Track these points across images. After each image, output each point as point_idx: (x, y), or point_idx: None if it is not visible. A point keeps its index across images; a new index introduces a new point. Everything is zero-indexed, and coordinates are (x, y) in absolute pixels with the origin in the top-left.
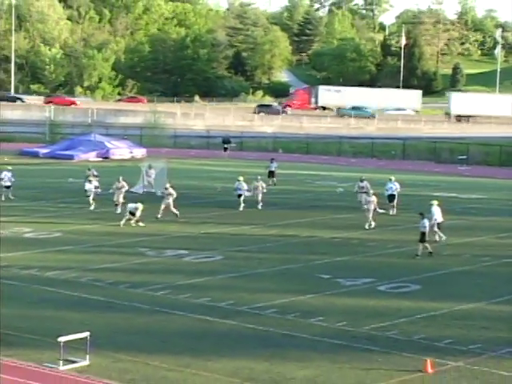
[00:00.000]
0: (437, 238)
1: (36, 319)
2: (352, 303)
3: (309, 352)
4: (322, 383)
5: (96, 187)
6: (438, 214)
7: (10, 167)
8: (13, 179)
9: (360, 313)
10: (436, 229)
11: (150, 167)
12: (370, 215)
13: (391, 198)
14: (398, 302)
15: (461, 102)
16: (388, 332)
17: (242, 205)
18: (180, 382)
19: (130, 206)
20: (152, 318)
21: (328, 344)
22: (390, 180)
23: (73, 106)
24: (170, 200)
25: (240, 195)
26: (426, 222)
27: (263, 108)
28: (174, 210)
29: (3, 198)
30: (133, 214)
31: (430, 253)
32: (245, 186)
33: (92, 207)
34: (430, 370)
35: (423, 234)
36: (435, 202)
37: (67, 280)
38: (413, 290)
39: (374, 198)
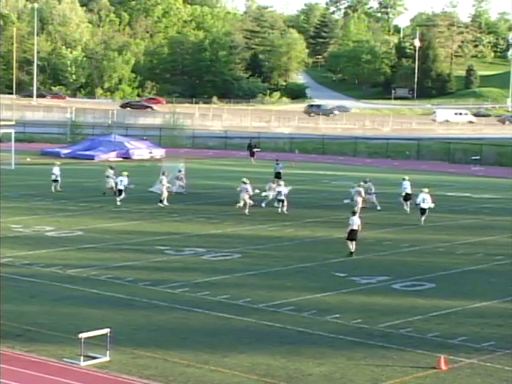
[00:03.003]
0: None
1: (57, 316)
2: (367, 301)
3: (325, 349)
4: (338, 380)
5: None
6: (428, 199)
7: (58, 162)
8: (59, 172)
9: (375, 310)
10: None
11: (179, 170)
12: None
13: (406, 197)
14: (413, 300)
15: None
16: (402, 329)
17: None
18: (198, 378)
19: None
20: (171, 315)
21: (344, 341)
22: (404, 179)
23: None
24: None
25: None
26: (355, 220)
27: None
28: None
29: (53, 190)
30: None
31: (351, 253)
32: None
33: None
34: (443, 367)
35: (353, 231)
36: (425, 190)
37: (88, 278)
38: (427, 289)
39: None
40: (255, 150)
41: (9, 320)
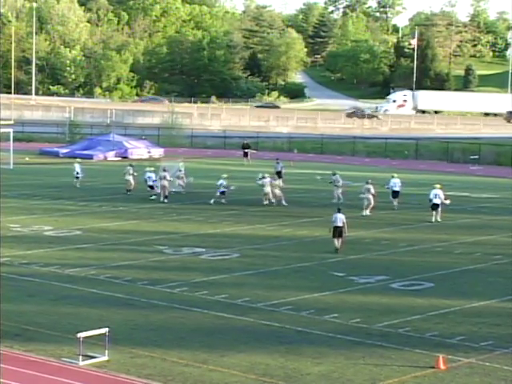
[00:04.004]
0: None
1: (56, 315)
2: (366, 300)
3: (323, 348)
4: (336, 379)
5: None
6: (440, 195)
7: (79, 160)
8: (81, 168)
9: (373, 310)
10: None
11: (179, 170)
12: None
13: (395, 194)
14: (411, 300)
15: None
16: (401, 329)
17: (223, 200)
18: (197, 377)
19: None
20: (169, 314)
21: (342, 340)
22: (393, 177)
23: None
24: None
25: (223, 192)
26: (338, 216)
27: None
28: None
29: (78, 185)
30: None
31: (336, 250)
32: (224, 183)
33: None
34: (442, 367)
35: (338, 228)
36: (437, 186)
37: (86, 277)
38: (425, 288)
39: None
40: (247, 150)
41: (7, 319)
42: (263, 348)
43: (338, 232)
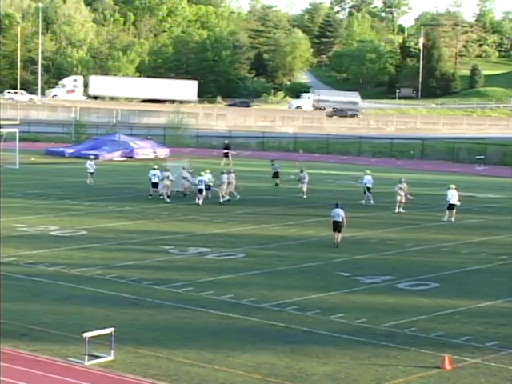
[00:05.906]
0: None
1: (62, 315)
2: (371, 300)
3: (329, 348)
4: (341, 379)
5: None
6: (455, 196)
7: (92, 156)
8: (95, 166)
9: (379, 310)
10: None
11: (183, 168)
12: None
13: (368, 190)
14: (417, 300)
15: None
16: (407, 329)
17: (201, 200)
18: (202, 377)
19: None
20: (175, 314)
21: (348, 340)
22: (366, 174)
23: None
24: None
25: (201, 190)
26: (336, 211)
27: None
28: None
29: (88, 182)
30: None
31: (336, 244)
32: (207, 179)
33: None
34: (447, 367)
35: (337, 222)
36: (453, 186)
37: (92, 277)
38: (431, 288)
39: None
40: (227, 151)
41: (13, 319)
42: (269, 348)
43: (337, 226)
